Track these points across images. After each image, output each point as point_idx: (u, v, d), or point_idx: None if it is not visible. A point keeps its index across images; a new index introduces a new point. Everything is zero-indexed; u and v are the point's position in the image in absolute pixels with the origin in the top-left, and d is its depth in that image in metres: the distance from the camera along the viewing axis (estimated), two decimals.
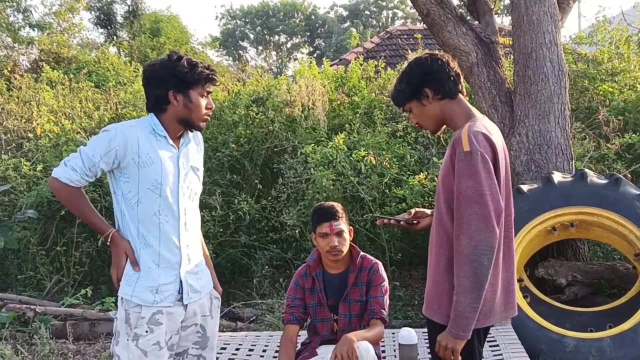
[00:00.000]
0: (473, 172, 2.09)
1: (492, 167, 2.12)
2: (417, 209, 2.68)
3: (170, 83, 2.40)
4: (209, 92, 2.49)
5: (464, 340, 2.15)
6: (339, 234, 2.94)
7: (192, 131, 2.56)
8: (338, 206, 3.03)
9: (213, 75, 2.48)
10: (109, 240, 2.45)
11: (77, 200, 2.47)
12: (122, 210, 2.45)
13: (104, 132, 2.40)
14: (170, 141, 2.48)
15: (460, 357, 2.19)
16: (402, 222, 2.66)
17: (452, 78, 2.30)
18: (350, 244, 3.04)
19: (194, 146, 2.60)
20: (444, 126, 2.40)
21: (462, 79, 2.35)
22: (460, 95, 2.33)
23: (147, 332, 2.41)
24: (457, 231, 2.13)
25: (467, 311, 2.11)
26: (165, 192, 2.43)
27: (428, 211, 2.65)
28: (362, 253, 3.08)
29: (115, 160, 2.37)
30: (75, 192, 2.44)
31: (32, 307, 5.07)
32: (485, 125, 2.25)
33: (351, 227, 3.07)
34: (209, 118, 2.56)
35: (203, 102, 2.47)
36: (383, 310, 2.98)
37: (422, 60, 2.33)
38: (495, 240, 2.10)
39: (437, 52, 2.40)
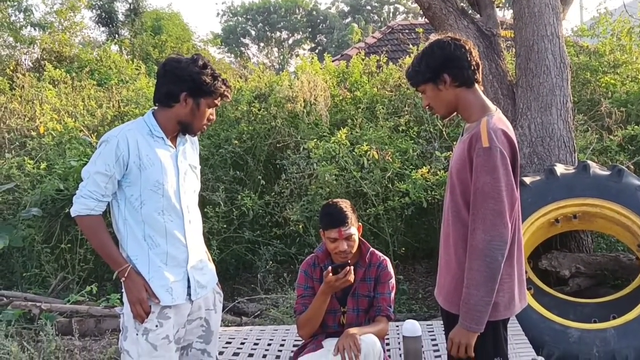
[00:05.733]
0: (492, 168, 2.09)
1: (509, 163, 2.13)
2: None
3: (187, 86, 2.42)
4: (216, 105, 2.53)
5: (476, 333, 2.14)
6: (348, 237, 2.89)
7: (184, 135, 2.58)
8: (346, 207, 2.93)
9: (227, 93, 2.52)
10: (125, 274, 2.41)
11: (97, 230, 2.45)
12: (125, 218, 2.45)
13: (105, 143, 2.41)
14: (168, 141, 2.51)
15: (474, 352, 2.18)
16: None
17: (472, 67, 2.24)
18: (359, 239, 3.01)
19: (190, 145, 2.64)
20: (454, 113, 2.36)
21: (480, 69, 2.31)
22: (476, 85, 2.29)
23: (157, 326, 2.44)
24: (472, 225, 2.14)
25: (479, 304, 2.11)
26: (168, 191, 2.45)
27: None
28: (371, 249, 3.06)
29: (124, 165, 2.39)
30: (95, 220, 2.43)
31: (38, 304, 5.10)
32: (502, 118, 2.25)
33: (360, 224, 3.02)
34: (206, 128, 2.61)
35: (208, 112, 2.50)
36: (389, 308, 2.97)
37: (445, 44, 2.24)
38: (508, 235, 2.12)
39: (459, 37, 2.33)
